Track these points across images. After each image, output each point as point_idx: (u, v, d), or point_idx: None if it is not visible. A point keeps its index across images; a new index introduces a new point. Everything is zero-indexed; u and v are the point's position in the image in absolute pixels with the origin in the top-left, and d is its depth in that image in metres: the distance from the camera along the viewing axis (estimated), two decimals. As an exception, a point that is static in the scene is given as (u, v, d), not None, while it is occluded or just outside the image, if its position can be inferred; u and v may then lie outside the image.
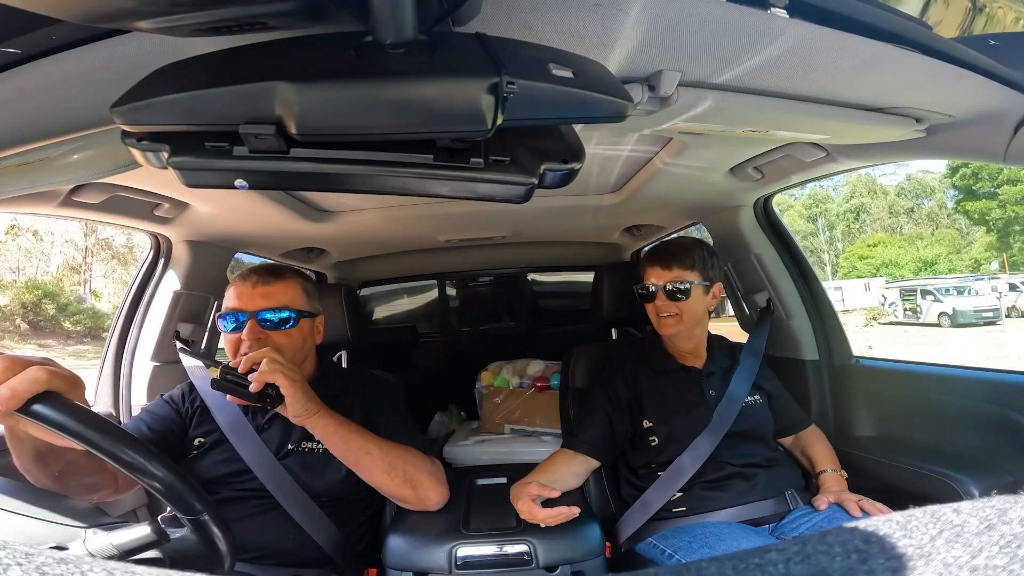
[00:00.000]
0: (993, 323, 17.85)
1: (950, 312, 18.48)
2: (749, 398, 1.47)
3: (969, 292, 19.39)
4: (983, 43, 0.83)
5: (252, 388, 1.06)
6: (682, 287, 1.46)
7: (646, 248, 1.53)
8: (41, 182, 0.91)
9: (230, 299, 1.26)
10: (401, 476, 1.18)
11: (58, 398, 0.73)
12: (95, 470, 0.99)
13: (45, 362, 0.76)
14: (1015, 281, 19.36)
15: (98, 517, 0.84)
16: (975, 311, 18.05)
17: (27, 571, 0.21)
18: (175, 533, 0.82)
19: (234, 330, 1.22)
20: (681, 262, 1.47)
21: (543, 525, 1.19)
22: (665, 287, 1.46)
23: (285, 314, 1.24)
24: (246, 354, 1.12)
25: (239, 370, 1.09)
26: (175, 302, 1.69)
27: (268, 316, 1.22)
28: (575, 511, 1.21)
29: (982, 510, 0.23)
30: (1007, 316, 18.41)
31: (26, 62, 0.65)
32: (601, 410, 1.48)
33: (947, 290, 19.54)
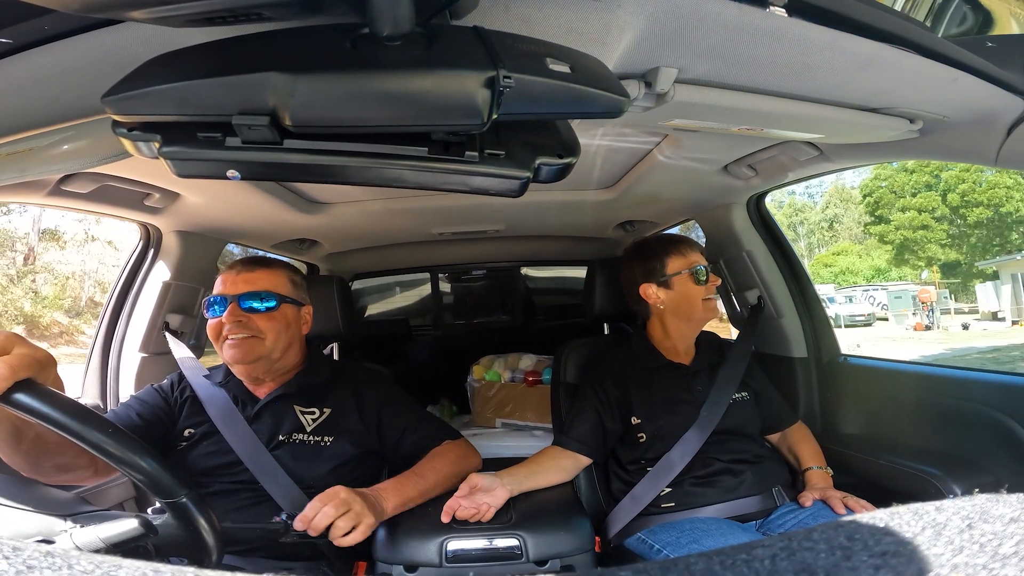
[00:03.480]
0: (867, 325, 22.85)
1: (834, 316, 22.36)
2: (737, 395, 1.48)
3: (851, 301, 24.62)
4: (980, 44, 0.84)
5: (338, 543, 1.07)
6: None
7: (662, 238, 1.54)
8: (30, 171, 0.90)
9: (216, 286, 1.28)
10: (456, 479, 1.27)
11: (33, 385, 0.72)
12: (68, 450, 0.98)
13: (11, 340, 0.75)
14: (900, 291, 23.82)
15: (80, 506, 0.83)
16: (851, 316, 23.10)
17: (14, 565, 0.21)
18: (158, 519, 0.82)
19: (217, 315, 1.24)
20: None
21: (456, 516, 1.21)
22: (712, 270, 1.52)
23: (267, 298, 1.26)
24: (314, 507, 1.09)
25: (310, 534, 1.06)
26: (164, 293, 1.67)
27: (250, 300, 1.25)
28: (484, 514, 1.22)
29: (964, 508, 0.24)
30: (890, 319, 22.92)
31: (18, 52, 0.64)
32: (591, 408, 1.48)
33: (833, 299, 24.41)
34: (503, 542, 1.15)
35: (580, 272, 2.73)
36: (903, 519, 0.24)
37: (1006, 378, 1.34)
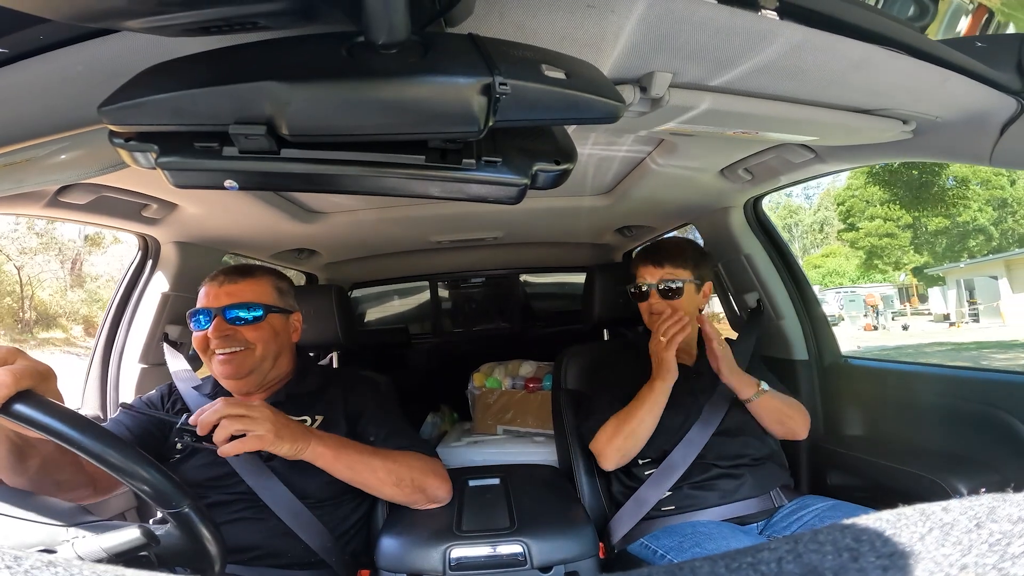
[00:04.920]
0: (834, 325, 21.65)
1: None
2: None
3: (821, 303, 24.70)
4: (970, 45, 0.84)
5: (220, 453, 0.98)
6: (674, 285, 1.47)
7: (637, 248, 1.57)
8: (27, 182, 0.90)
9: (200, 299, 1.26)
10: (410, 485, 1.19)
11: (33, 396, 0.73)
12: (68, 466, 0.97)
13: (13, 353, 0.75)
14: (854, 295, 24.85)
15: (82, 516, 0.83)
16: (814, 318, 24.02)
17: (16, 574, 0.21)
18: (160, 530, 0.81)
19: (203, 328, 1.22)
20: (673, 260, 1.49)
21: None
22: (658, 286, 1.48)
23: (254, 309, 1.24)
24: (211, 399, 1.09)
25: (198, 432, 0.98)
26: (163, 304, 1.67)
27: (235, 312, 1.22)
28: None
29: (971, 508, 0.24)
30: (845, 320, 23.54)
31: (13, 61, 0.64)
32: (607, 403, 1.46)
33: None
34: (507, 549, 1.15)
35: (579, 278, 2.73)
36: (910, 520, 0.24)
37: (1010, 377, 1.34)
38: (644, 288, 1.50)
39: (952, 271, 21.99)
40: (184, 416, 1.02)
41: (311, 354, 1.99)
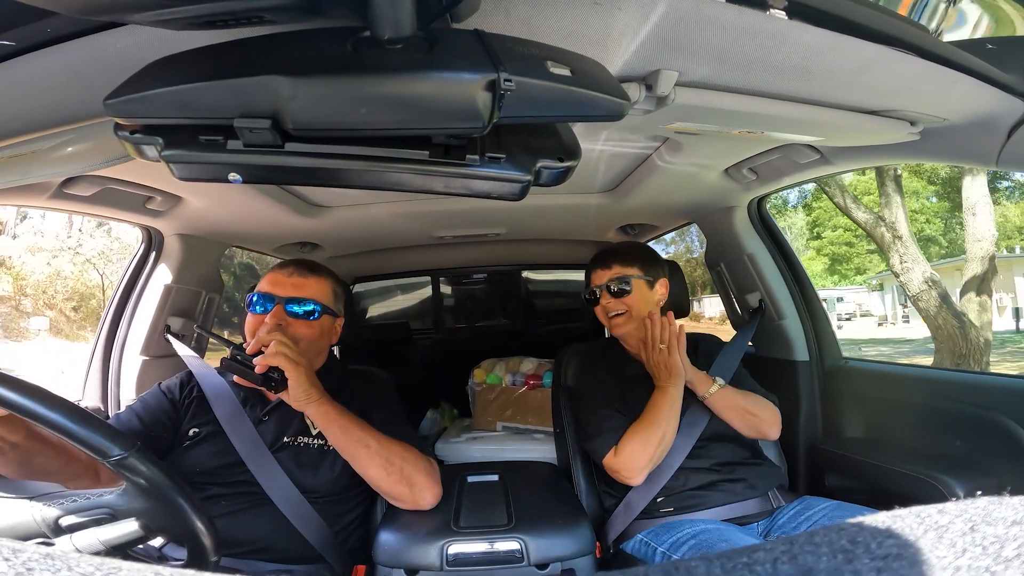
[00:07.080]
0: None
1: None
2: None
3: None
4: (980, 46, 0.83)
5: (256, 369, 1.11)
6: (624, 284, 1.50)
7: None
8: (33, 174, 0.91)
9: (264, 284, 1.31)
10: (398, 473, 1.18)
11: None
12: (55, 453, 0.98)
13: None
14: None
15: (46, 489, 0.81)
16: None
17: (14, 566, 0.21)
18: (117, 491, 0.78)
19: (260, 312, 1.26)
20: (621, 259, 1.52)
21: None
22: (608, 286, 1.50)
23: (310, 307, 1.28)
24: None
25: (248, 350, 1.14)
26: (166, 296, 1.68)
27: (294, 306, 1.27)
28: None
29: (966, 511, 0.24)
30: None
31: (20, 54, 0.65)
32: (604, 409, 1.44)
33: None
34: (504, 545, 1.15)
35: (581, 275, 2.73)
36: (905, 522, 0.24)
37: (1008, 381, 1.34)
38: (596, 292, 1.52)
39: (888, 278, 23.74)
40: (241, 342, 1.19)
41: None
